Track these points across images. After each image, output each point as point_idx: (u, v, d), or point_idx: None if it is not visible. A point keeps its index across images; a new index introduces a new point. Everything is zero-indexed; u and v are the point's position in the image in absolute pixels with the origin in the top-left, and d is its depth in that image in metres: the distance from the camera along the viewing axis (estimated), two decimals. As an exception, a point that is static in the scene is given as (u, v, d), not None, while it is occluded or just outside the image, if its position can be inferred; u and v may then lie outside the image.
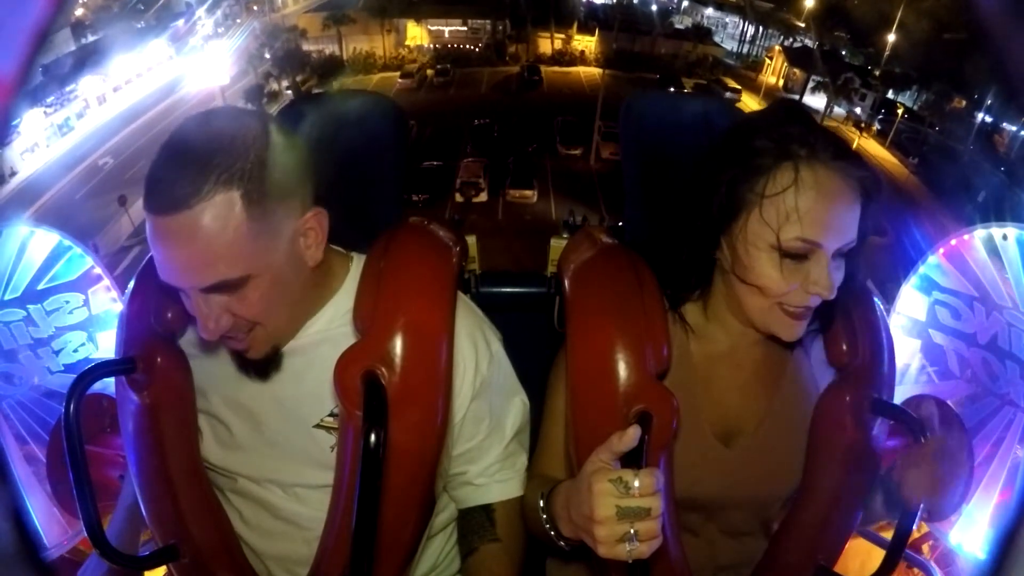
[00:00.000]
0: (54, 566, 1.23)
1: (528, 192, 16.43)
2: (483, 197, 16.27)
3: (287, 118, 0.95)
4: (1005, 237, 1.28)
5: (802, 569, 0.92)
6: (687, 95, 1.14)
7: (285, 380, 0.87)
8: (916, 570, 1.20)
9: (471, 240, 1.14)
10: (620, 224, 1.21)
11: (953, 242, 1.37)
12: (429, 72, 24.57)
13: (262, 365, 0.85)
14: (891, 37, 20.78)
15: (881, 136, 21.36)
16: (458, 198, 16.17)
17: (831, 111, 22.79)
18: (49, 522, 1.30)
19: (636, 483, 0.65)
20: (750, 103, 23.57)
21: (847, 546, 0.97)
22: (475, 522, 0.95)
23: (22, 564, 0.38)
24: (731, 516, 0.93)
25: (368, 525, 0.75)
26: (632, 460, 0.69)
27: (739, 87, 24.28)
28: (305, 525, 0.89)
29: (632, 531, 0.64)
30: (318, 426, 0.87)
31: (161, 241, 0.71)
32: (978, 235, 1.33)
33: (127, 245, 13.85)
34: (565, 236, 1.20)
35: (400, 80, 23.86)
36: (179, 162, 0.70)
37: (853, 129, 21.54)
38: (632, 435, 0.68)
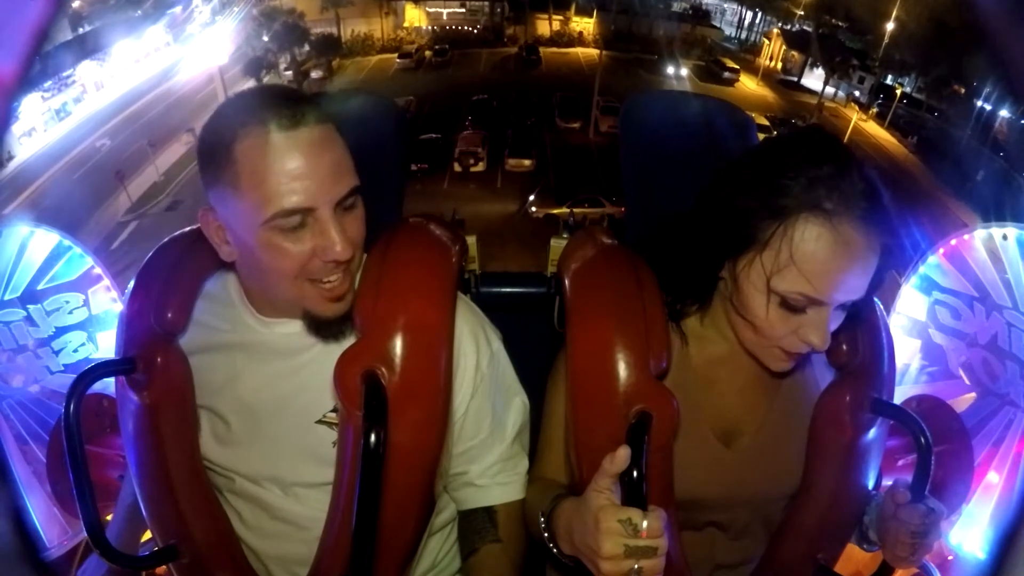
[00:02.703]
0: (54, 566, 1.23)
1: (526, 161, 16.49)
2: (481, 167, 16.34)
3: None
4: (1005, 237, 1.29)
5: (802, 569, 0.92)
6: (687, 95, 1.14)
7: (288, 375, 0.87)
8: (916, 570, 1.20)
9: (471, 240, 1.14)
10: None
11: (953, 242, 1.38)
12: (427, 53, 24.62)
13: (338, 323, 0.84)
14: (889, 25, 20.80)
15: (879, 119, 21.45)
16: (456, 168, 16.23)
17: (835, 94, 22.77)
18: (49, 522, 1.30)
19: (644, 524, 0.66)
20: (748, 84, 23.73)
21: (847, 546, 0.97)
22: (477, 523, 0.95)
23: (22, 564, 0.38)
24: (732, 516, 0.93)
25: (368, 525, 0.75)
26: (633, 464, 0.69)
27: (737, 67, 24.43)
28: (304, 525, 0.89)
29: (637, 566, 0.65)
30: (320, 422, 0.87)
31: (312, 152, 0.73)
32: (978, 235, 1.33)
33: (123, 220, 13.93)
34: (565, 236, 1.20)
35: (399, 60, 23.94)
36: (293, 93, 0.77)
37: (853, 106, 21.56)
38: (623, 456, 0.69)
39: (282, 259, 0.76)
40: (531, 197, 14.43)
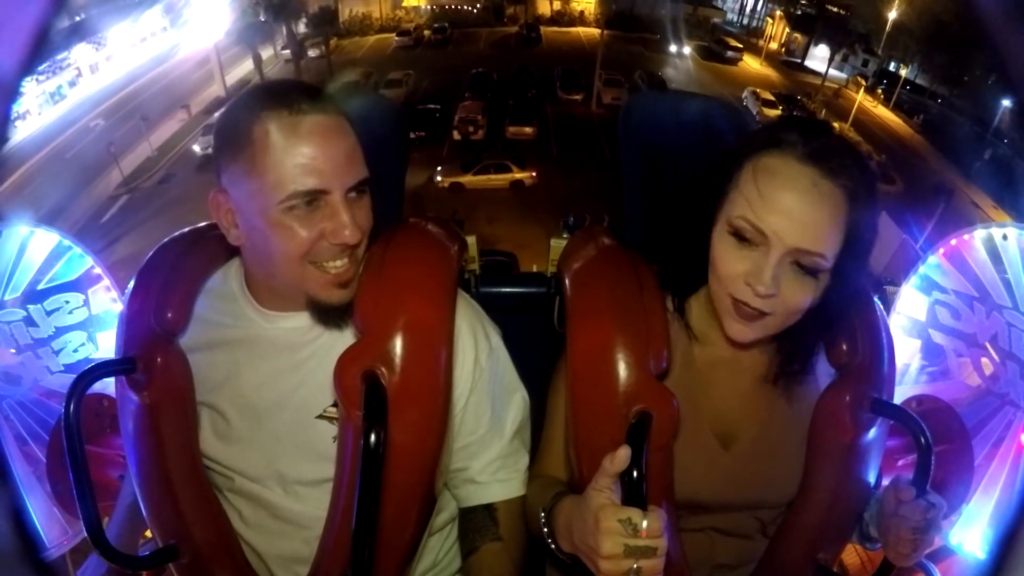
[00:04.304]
0: (54, 566, 1.23)
1: (528, 128, 16.27)
2: (481, 135, 16.16)
3: None
4: (1005, 237, 1.29)
5: (802, 569, 0.92)
6: (687, 95, 1.14)
7: (289, 371, 0.87)
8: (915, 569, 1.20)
9: (471, 240, 1.14)
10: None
11: (953, 242, 1.38)
12: (426, 32, 24.53)
13: (342, 311, 0.85)
14: (892, 14, 20.74)
15: (884, 102, 21.41)
16: (456, 136, 16.09)
17: (847, 81, 22.55)
18: (49, 522, 1.30)
19: (644, 524, 0.66)
20: (752, 63, 23.73)
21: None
22: (477, 521, 0.95)
23: (22, 564, 0.38)
24: (730, 517, 0.93)
25: (368, 524, 0.75)
26: (633, 464, 0.69)
27: (741, 46, 24.44)
28: (305, 524, 0.89)
29: (636, 566, 0.65)
30: (321, 416, 0.87)
31: (329, 137, 0.77)
32: (978, 235, 1.33)
33: (115, 195, 14.04)
34: (565, 236, 1.20)
35: (397, 38, 23.88)
36: (310, 85, 0.81)
37: (858, 83, 21.51)
38: (623, 455, 0.68)
39: (290, 241, 0.77)
40: (438, 168, 14.06)
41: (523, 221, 12.14)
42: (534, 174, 13.82)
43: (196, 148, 15.13)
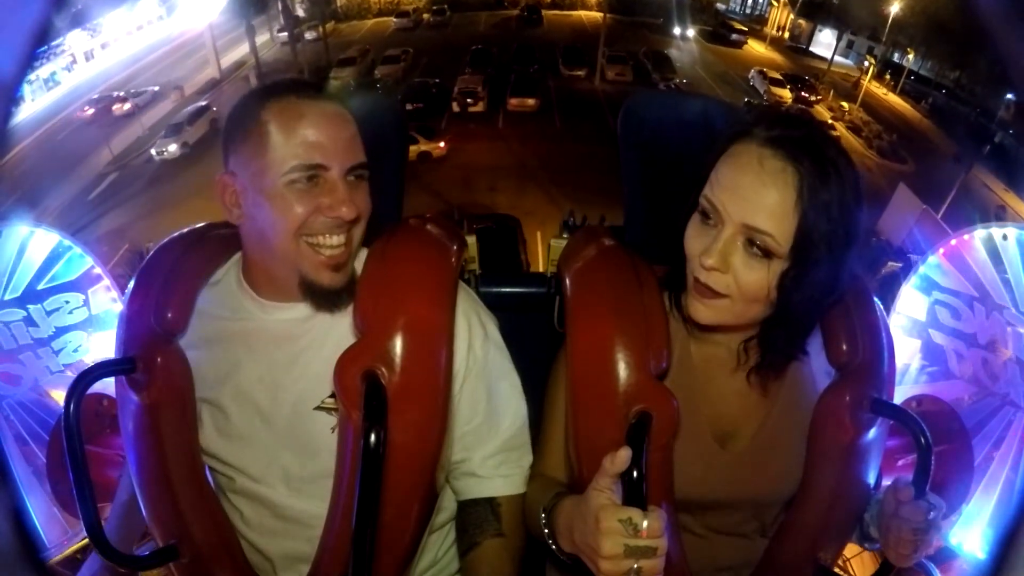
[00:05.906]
0: (54, 566, 1.23)
1: (530, 100, 16.03)
2: (480, 107, 15.95)
3: None
4: (1005, 237, 1.29)
5: (802, 569, 0.92)
6: (687, 95, 1.14)
7: (286, 364, 0.88)
8: (915, 569, 1.20)
9: (471, 240, 1.14)
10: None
11: (953, 242, 1.38)
12: (426, 15, 24.77)
13: (336, 294, 0.87)
14: (893, 8, 20.70)
15: (892, 88, 21.45)
16: (455, 107, 15.91)
17: (864, 68, 22.36)
18: (49, 522, 1.31)
19: (644, 524, 0.66)
20: (757, 47, 23.76)
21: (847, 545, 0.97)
22: (479, 516, 0.95)
23: (22, 564, 0.38)
24: (729, 517, 0.93)
25: (368, 523, 0.75)
26: (633, 464, 0.69)
27: (745, 29, 24.53)
28: (307, 523, 0.89)
29: (636, 566, 0.65)
30: (319, 408, 0.87)
31: (331, 120, 0.82)
32: (978, 235, 1.33)
33: (104, 172, 14.19)
34: (565, 236, 1.20)
35: (395, 20, 24.10)
36: (315, 83, 0.87)
37: (871, 59, 21.45)
38: (623, 456, 0.68)
39: (288, 213, 0.80)
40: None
41: (524, 191, 12.19)
42: (442, 144, 13.45)
43: (153, 152, 14.43)
